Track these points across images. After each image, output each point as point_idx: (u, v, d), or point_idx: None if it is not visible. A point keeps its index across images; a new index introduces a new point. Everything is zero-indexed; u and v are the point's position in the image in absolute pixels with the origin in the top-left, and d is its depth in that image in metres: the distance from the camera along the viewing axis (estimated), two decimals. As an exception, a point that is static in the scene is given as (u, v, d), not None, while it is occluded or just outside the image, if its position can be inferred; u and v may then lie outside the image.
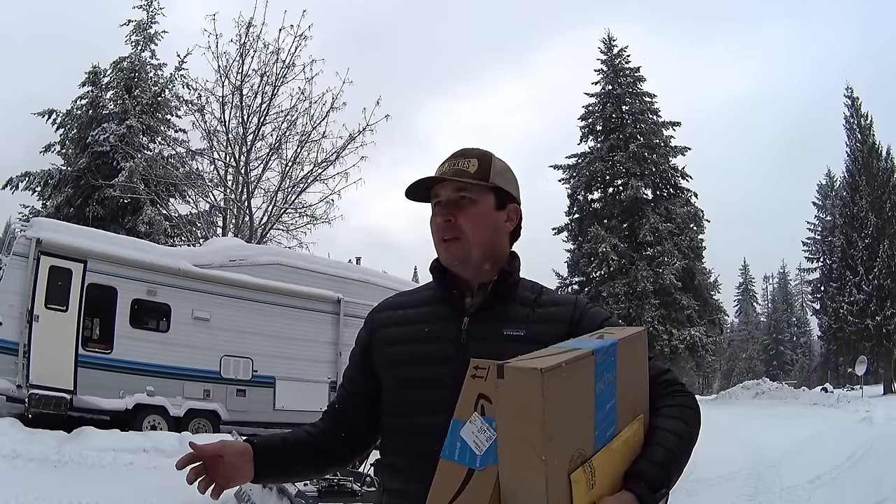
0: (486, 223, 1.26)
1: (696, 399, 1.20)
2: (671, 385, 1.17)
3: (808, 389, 31.79)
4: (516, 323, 1.22)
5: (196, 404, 10.37)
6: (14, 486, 5.63)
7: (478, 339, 1.20)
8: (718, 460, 8.62)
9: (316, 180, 18.82)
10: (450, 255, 1.25)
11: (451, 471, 0.94)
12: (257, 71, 18.47)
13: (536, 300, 1.27)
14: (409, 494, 1.14)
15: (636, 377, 1.07)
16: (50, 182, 20.20)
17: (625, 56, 32.82)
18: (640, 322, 28.59)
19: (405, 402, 1.22)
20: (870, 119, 32.29)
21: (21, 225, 10.87)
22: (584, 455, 0.90)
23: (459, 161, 1.27)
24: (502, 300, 1.25)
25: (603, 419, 0.94)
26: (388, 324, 1.32)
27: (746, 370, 56.79)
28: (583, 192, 32.21)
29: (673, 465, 1.01)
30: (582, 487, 0.87)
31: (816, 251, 45.32)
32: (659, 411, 1.10)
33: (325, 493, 4.67)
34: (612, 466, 0.95)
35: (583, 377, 0.90)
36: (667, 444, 1.03)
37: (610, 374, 0.96)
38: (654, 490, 0.96)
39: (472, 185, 1.26)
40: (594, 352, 0.92)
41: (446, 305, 1.27)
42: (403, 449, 1.21)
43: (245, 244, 13.87)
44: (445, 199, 1.26)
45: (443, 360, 1.18)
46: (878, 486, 6.32)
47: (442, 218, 1.25)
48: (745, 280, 65.36)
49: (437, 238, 1.27)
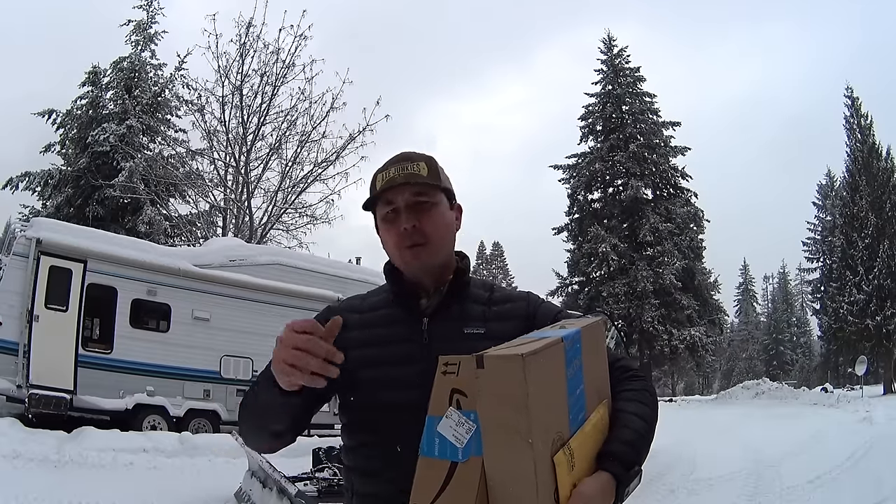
0: (445, 226, 1.27)
1: (652, 383, 1.25)
2: (627, 370, 1.22)
3: (808, 389, 31.77)
4: (474, 321, 1.24)
5: (196, 404, 10.38)
6: (14, 486, 5.63)
7: (440, 338, 1.21)
8: (718, 460, 8.64)
9: (316, 180, 18.90)
10: (417, 261, 1.24)
11: (432, 467, 0.94)
12: (257, 71, 18.56)
13: (490, 298, 1.29)
14: (381, 497, 1.14)
15: (598, 364, 1.12)
16: (50, 182, 20.22)
17: (625, 56, 32.89)
18: (641, 322, 28.64)
19: (371, 404, 1.21)
20: (870, 119, 32.35)
21: (21, 225, 10.87)
22: (563, 438, 0.93)
23: (408, 165, 1.25)
24: (457, 300, 1.27)
25: (575, 403, 0.98)
26: (349, 326, 1.24)
27: (746, 370, 56.82)
28: (583, 192, 32.25)
29: (641, 445, 1.06)
30: (564, 469, 0.91)
31: (816, 251, 45.36)
32: (620, 395, 1.15)
33: (325, 493, 4.68)
34: (586, 448, 0.99)
35: (556, 363, 0.94)
36: (634, 426, 1.07)
37: (577, 360, 1.00)
38: (627, 468, 1.01)
39: (429, 188, 1.25)
40: (563, 339, 0.95)
41: (404, 308, 1.27)
42: (372, 451, 1.20)
43: (245, 244, 13.88)
44: (405, 203, 1.24)
45: (408, 361, 1.18)
46: (878, 486, 6.32)
47: (407, 224, 1.22)
48: (745, 280, 65.41)
49: (398, 244, 1.24)
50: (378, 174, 1.28)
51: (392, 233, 1.25)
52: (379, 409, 1.20)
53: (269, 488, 5.13)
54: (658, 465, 7.56)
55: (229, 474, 6.78)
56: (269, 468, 5.06)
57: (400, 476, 0.98)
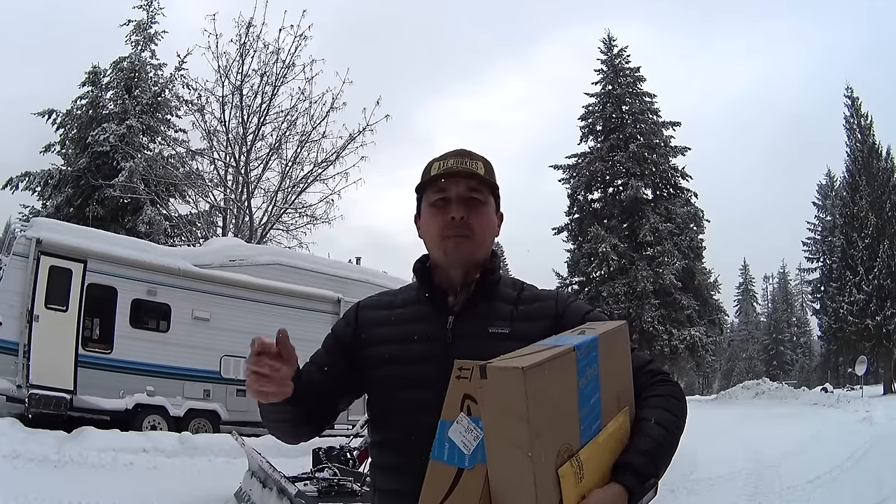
0: (491, 225, 1.28)
1: (680, 388, 1.20)
2: (656, 375, 1.17)
3: (808, 389, 31.77)
4: (500, 321, 1.22)
5: (196, 404, 10.37)
6: (14, 486, 5.63)
7: (463, 337, 1.20)
8: (718, 460, 8.64)
9: (316, 180, 18.86)
10: (458, 250, 1.23)
11: (441, 471, 0.95)
12: (257, 71, 18.51)
13: (519, 297, 1.28)
14: (402, 493, 1.14)
15: (619, 370, 1.09)
16: (50, 182, 20.20)
17: (625, 56, 32.86)
18: (641, 322, 28.62)
19: (394, 402, 1.22)
20: (870, 119, 32.36)
21: (21, 225, 10.86)
22: (571, 450, 0.91)
23: (466, 161, 1.26)
24: (485, 298, 1.26)
25: (588, 414, 0.96)
26: (376, 323, 1.30)
27: (746, 370, 56.80)
28: (583, 192, 32.22)
29: (660, 455, 1.03)
30: (570, 481, 0.89)
31: (816, 251, 45.32)
32: (645, 402, 1.11)
33: (325, 493, 4.67)
34: (599, 459, 0.96)
35: (565, 374, 0.91)
36: (653, 435, 1.04)
37: (592, 369, 0.98)
38: (642, 480, 0.97)
39: (484, 186, 1.26)
40: (575, 348, 0.93)
41: (431, 305, 1.27)
42: (394, 448, 1.21)
43: (245, 244, 13.86)
44: (457, 195, 1.24)
45: (430, 360, 1.18)
46: (878, 486, 6.32)
47: (457, 214, 1.22)
48: (745, 280, 65.40)
49: (442, 233, 1.24)
50: (435, 162, 1.28)
51: (438, 219, 1.25)
52: (398, 407, 1.20)
53: (269, 488, 5.13)
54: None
55: (229, 474, 6.78)
56: (269, 468, 5.06)
57: (420, 474, 0.98)
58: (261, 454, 5.59)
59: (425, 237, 1.29)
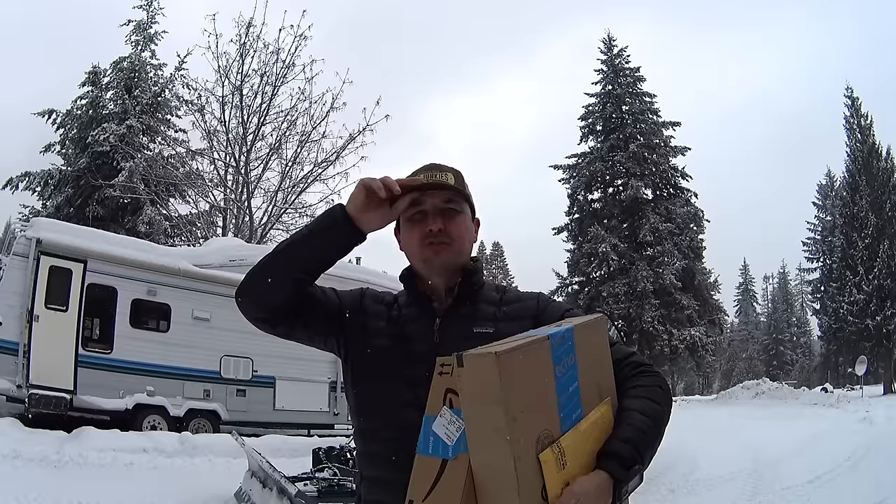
0: (468, 233, 1.34)
1: (664, 378, 1.23)
2: (638, 366, 1.20)
3: (808, 389, 31.76)
4: (485, 321, 1.28)
5: (196, 404, 10.37)
6: (14, 486, 5.63)
7: (450, 338, 1.25)
8: (718, 460, 8.64)
9: (316, 180, 18.86)
10: (438, 258, 1.29)
11: (426, 464, 0.98)
12: (257, 71, 18.52)
13: (502, 299, 1.34)
14: (387, 482, 1.17)
15: (599, 360, 1.11)
16: (50, 182, 20.22)
17: (625, 56, 32.88)
18: (641, 322, 28.64)
19: (381, 397, 1.26)
20: (870, 119, 32.38)
21: (21, 225, 10.90)
22: (552, 436, 0.93)
23: (437, 174, 1.32)
24: (470, 300, 1.32)
25: (567, 401, 0.98)
26: (374, 313, 1.36)
27: (746, 370, 56.78)
28: (583, 192, 32.23)
29: (645, 443, 1.04)
30: (552, 467, 0.91)
31: (816, 251, 45.27)
32: (628, 392, 1.14)
33: (325, 493, 4.68)
34: (582, 447, 0.98)
35: (540, 360, 0.94)
36: (638, 423, 1.06)
37: (569, 357, 1.00)
38: (627, 467, 0.99)
39: (458, 196, 1.32)
40: (549, 336, 0.96)
41: (419, 309, 1.32)
42: (380, 439, 1.25)
43: (245, 244, 13.87)
44: (433, 207, 1.30)
45: (418, 359, 1.22)
46: (878, 486, 6.33)
47: (434, 226, 1.28)
48: (745, 280, 65.39)
49: (422, 241, 1.30)
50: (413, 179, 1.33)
51: (416, 231, 1.31)
52: (388, 404, 1.24)
53: (269, 488, 5.13)
54: (658, 465, 7.53)
55: (229, 474, 6.79)
56: (269, 468, 5.06)
57: (407, 464, 1.02)
58: (261, 454, 5.59)
59: (406, 250, 1.36)
